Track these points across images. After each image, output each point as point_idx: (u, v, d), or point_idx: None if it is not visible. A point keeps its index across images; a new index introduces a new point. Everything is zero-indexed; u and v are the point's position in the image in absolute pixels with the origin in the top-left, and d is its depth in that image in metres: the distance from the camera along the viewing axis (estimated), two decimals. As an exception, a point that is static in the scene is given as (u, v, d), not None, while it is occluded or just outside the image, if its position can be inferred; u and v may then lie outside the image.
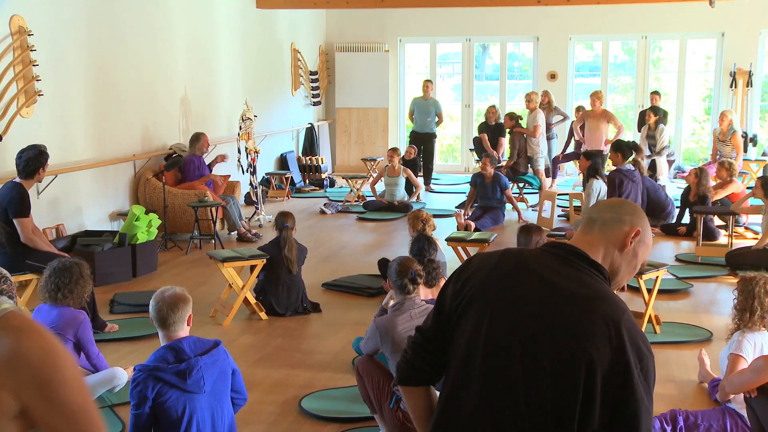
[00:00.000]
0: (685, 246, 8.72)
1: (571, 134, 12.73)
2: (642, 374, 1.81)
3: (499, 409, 1.85)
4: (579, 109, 12.78)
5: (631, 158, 8.59)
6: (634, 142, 9.91)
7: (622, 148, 7.85)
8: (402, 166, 11.07)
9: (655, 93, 12.86)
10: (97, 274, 6.35)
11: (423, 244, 5.49)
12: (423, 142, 12.94)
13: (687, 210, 9.31)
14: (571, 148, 12.81)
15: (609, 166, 9.11)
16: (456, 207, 11.02)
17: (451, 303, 2.01)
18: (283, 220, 6.22)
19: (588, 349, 1.80)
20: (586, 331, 1.82)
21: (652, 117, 11.46)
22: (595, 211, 2.10)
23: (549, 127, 12.34)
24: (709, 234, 8.57)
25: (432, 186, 13.10)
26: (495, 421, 1.86)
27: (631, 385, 1.80)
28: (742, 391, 3.68)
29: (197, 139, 9.22)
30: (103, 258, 6.98)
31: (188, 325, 3.33)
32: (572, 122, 12.67)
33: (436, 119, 12.99)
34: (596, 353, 1.79)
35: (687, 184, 9.27)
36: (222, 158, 9.51)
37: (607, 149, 11.66)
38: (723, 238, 8.75)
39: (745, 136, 12.47)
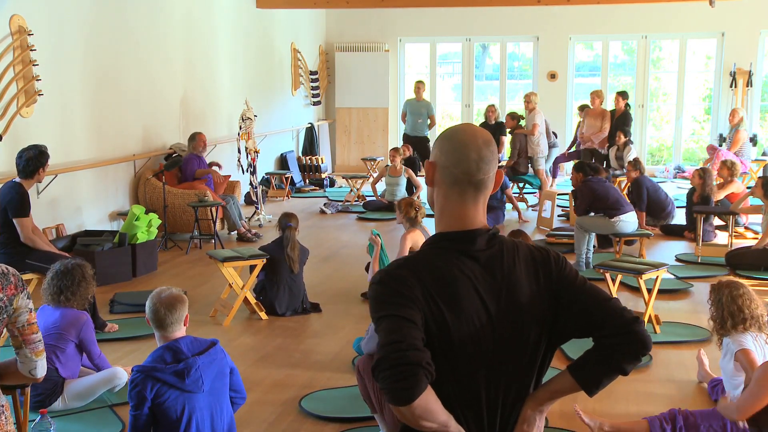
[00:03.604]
0: (685, 246, 8.72)
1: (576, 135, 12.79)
2: None
3: None
4: (583, 108, 12.77)
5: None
6: (596, 164, 9.85)
7: (584, 169, 8.05)
8: (403, 166, 11.06)
9: (622, 95, 11.99)
10: (97, 274, 6.27)
11: None
12: (416, 147, 12.55)
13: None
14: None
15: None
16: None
17: None
18: (287, 220, 6.24)
19: None
20: None
21: (621, 138, 11.42)
22: None
23: (549, 133, 12.33)
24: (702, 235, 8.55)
25: None
26: None
27: None
28: (755, 409, 3.61)
29: (193, 138, 9.22)
30: (103, 258, 6.97)
31: (185, 325, 3.33)
32: (579, 122, 12.74)
33: (428, 122, 12.71)
34: None
35: (691, 186, 9.21)
36: (214, 165, 9.49)
37: (604, 149, 11.73)
38: (717, 239, 8.75)
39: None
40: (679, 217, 9.64)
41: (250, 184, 10.41)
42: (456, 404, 1.89)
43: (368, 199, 11.27)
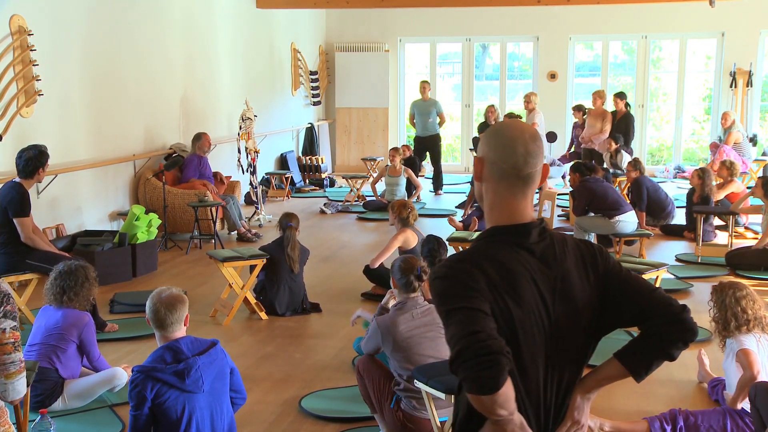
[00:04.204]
0: (685, 246, 8.72)
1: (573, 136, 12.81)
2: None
3: None
4: (579, 108, 12.77)
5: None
6: (593, 163, 9.90)
7: (580, 170, 8.15)
8: (403, 166, 11.06)
9: (619, 96, 11.97)
10: (97, 274, 6.34)
11: (433, 245, 5.51)
12: (428, 146, 12.58)
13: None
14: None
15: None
16: (456, 207, 11.02)
17: None
18: (287, 220, 6.24)
19: None
20: None
21: (612, 145, 11.42)
22: None
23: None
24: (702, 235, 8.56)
25: (441, 192, 12.53)
26: None
27: None
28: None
29: (198, 138, 9.23)
30: (103, 258, 6.97)
31: (185, 325, 3.33)
32: (574, 122, 12.77)
33: (438, 120, 12.71)
34: None
35: (691, 186, 9.21)
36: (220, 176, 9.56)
37: (601, 150, 11.75)
38: (717, 239, 8.75)
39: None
40: (679, 217, 9.64)
41: (250, 184, 10.41)
42: (518, 392, 1.93)
43: (368, 199, 11.27)
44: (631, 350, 2.01)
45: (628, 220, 7.78)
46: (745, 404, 3.93)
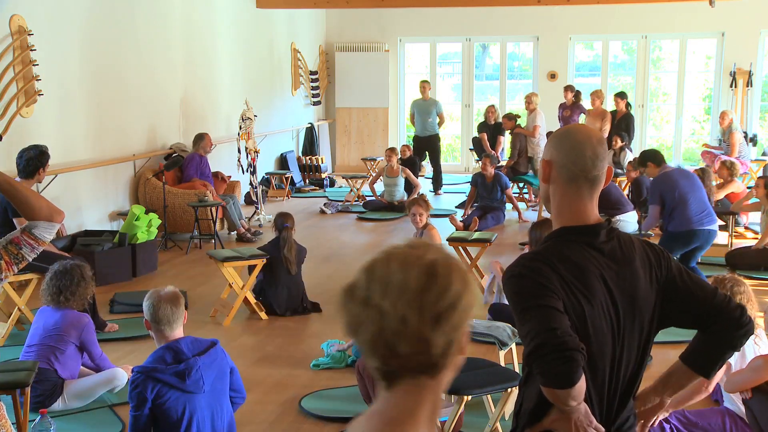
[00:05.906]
0: (685, 246, 8.71)
1: None
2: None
3: None
4: (570, 88, 12.73)
5: None
6: None
7: None
8: (401, 166, 11.06)
9: (620, 96, 12.07)
10: (97, 274, 6.32)
11: None
12: (427, 145, 12.59)
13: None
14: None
15: None
16: (456, 207, 11.02)
17: None
18: (283, 221, 6.24)
19: None
20: None
21: (618, 142, 11.40)
22: None
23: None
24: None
25: (441, 192, 12.52)
26: None
27: None
28: (741, 389, 3.69)
29: (201, 138, 9.23)
30: (103, 258, 6.98)
31: (184, 322, 3.33)
32: (561, 103, 12.75)
33: (438, 120, 12.70)
34: None
35: None
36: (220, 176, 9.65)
37: None
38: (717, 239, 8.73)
39: (744, 135, 12.48)
40: (679, 217, 9.62)
41: (250, 184, 10.41)
42: (586, 383, 1.99)
43: (368, 199, 11.27)
44: (696, 352, 2.15)
45: (629, 220, 7.78)
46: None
